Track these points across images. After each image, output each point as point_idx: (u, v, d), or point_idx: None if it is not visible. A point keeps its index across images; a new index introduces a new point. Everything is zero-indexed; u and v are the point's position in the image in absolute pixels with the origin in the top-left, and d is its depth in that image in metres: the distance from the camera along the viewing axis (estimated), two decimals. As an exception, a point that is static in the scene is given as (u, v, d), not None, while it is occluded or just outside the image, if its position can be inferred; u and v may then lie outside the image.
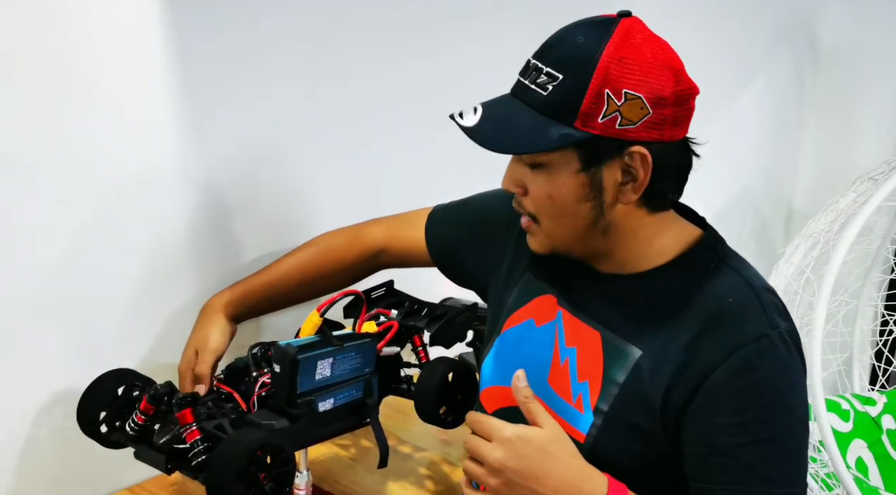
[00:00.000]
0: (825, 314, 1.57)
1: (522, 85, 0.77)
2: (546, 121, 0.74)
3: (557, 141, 0.74)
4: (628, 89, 0.73)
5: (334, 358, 0.89)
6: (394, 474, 1.08)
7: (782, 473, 0.72)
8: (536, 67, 0.76)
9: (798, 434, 0.74)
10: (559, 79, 0.74)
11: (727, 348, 0.74)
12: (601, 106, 0.73)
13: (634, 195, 0.78)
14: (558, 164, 0.76)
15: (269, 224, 1.17)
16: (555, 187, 0.77)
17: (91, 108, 0.97)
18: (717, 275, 0.79)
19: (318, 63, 1.18)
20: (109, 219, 1.00)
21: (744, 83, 2.02)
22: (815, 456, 1.69)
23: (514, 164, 0.80)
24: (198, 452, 0.83)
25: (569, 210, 0.78)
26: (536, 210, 0.80)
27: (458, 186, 1.05)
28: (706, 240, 0.82)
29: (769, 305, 0.76)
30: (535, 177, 0.78)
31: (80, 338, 1.00)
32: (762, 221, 2.22)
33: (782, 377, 0.74)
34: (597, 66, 0.73)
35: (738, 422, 0.73)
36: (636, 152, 0.75)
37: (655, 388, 0.77)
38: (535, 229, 0.82)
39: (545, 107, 0.74)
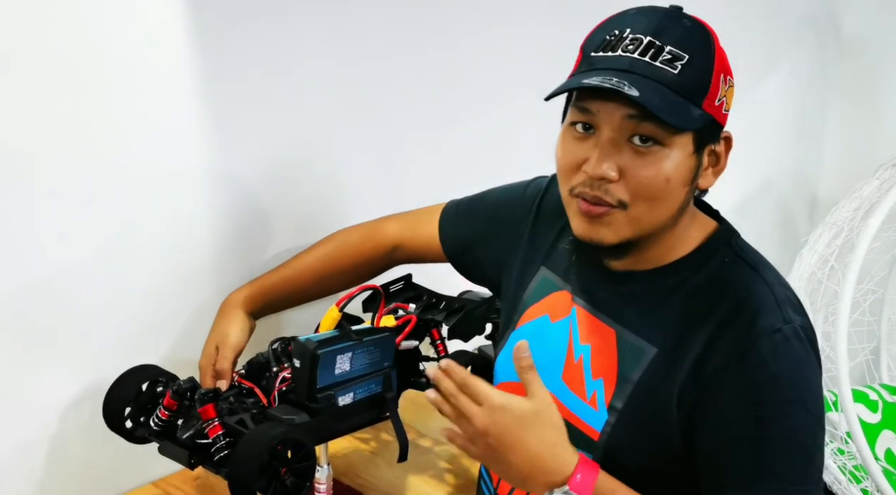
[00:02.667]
0: (850, 303, 1.55)
1: (639, 61, 0.72)
2: (680, 99, 0.72)
3: (698, 120, 0.73)
4: (730, 76, 0.76)
5: (354, 352, 0.89)
6: (413, 468, 1.08)
7: (794, 470, 0.71)
8: (653, 44, 0.72)
9: (811, 431, 0.73)
10: (686, 58, 0.72)
11: (740, 343, 0.73)
12: (718, 89, 0.74)
13: (713, 179, 0.78)
14: (678, 146, 0.73)
15: (287, 222, 1.18)
16: (674, 168, 0.73)
17: (118, 108, 0.98)
18: (732, 270, 0.78)
19: (341, 61, 1.18)
20: (133, 218, 1.02)
21: (767, 71, 1.99)
22: (842, 448, 1.67)
23: (610, 147, 0.73)
24: (220, 447, 0.84)
25: (675, 193, 0.75)
26: (636, 194, 0.73)
27: (482, 180, 1.04)
28: (721, 233, 0.82)
29: (783, 300, 0.75)
30: (644, 160, 0.73)
31: (105, 335, 1.02)
32: (786, 210, 2.19)
33: (796, 372, 0.73)
34: (716, 51, 0.74)
35: (750, 417, 0.72)
36: (727, 137, 0.78)
37: (670, 386, 0.76)
38: (615, 216, 0.75)
39: (677, 85, 0.71)
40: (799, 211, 2.23)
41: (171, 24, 1.00)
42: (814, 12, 2.07)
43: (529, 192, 0.97)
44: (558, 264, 0.89)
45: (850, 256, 1.56)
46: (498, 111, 1.38)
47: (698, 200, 0.84)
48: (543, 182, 0.97)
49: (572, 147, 0.76)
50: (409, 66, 1.27)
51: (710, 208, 0.85)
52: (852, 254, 1.56)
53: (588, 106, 0.74)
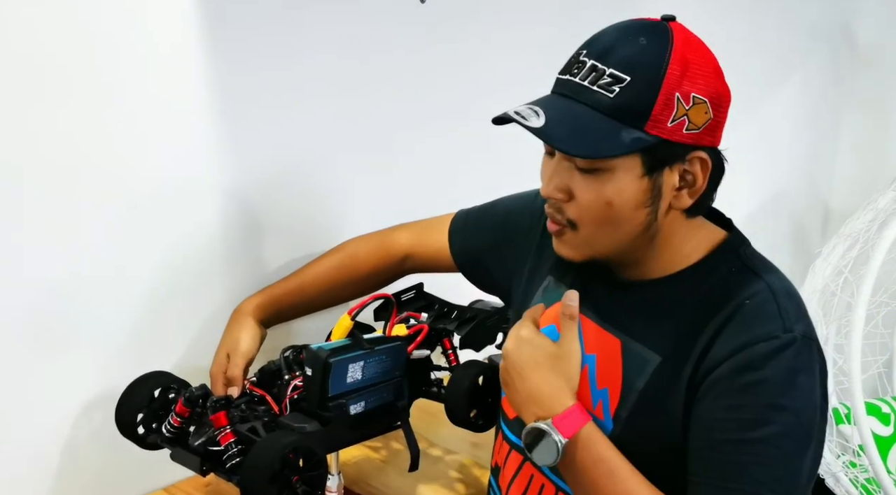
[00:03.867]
0: (865, 315, 1.54)
1: (578, 86, 0.73)
2: (614, 124, 0.72)
3: (630, 145, 0.72)
4: (696, 93, 0.72)
5: (365, 361, 0.89)
6: (424, 477, 1.08)
7: (773, 477, 0.70)
8: (595, 68, 0.73)
9: (797, 439, 0.72)
10: (626, 81, 0.71)
11: (734, 345, 0.73)
12: (671, 109, 0.72)
13: (689, 200, 0.77)
14: (621, 169, 0.73)
15: (298, 230, 1.18)
16: (616, 192, 0.74)
17: (126, 116, 0.98)
18: (738, 279, 0.78)
19: (350, 71, 1.19)
20: (144, 225, 1.02)
21: (780, 82, 1.99)
22: (854, 461, 1.65)
23: (558, 169, 0.76)
24: (231, 454, 0.84)
25: (624, 216, 0.75)
26: (581, 216, 0.76)
27: (489, 188, 1.04)
28: (729, 243, 0.81)
29: (786, 309, 0.75)
30: (588, 183, 0.75)
31: (117, 342, 1.02)
32: (798, 221, 2.18)
33: (786, 380, 0.72)
34: (667, 69, 0.71)
35: (733, 419, 0.72)
36: (697, 157, 0.75)
37: (675, 394, 0.76)
38: (569, 236, 0.79)
39: (612, 110, 0.72)
40: (811, 223, 2.21)
41: (179, 35, 1.01)
42: (827, 23, 2.06)
43: (538, 202, 0.96)
44: (564, 274, 0.89)
45: (865, 268, 1.55)
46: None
47: (710, 209, 0.83)
48: None
49: (543, 166, 0.80)
50: (418, 78, 1.27)
51: (723, 217, 0.84)
52: (867, 265, 1.55)
53: None
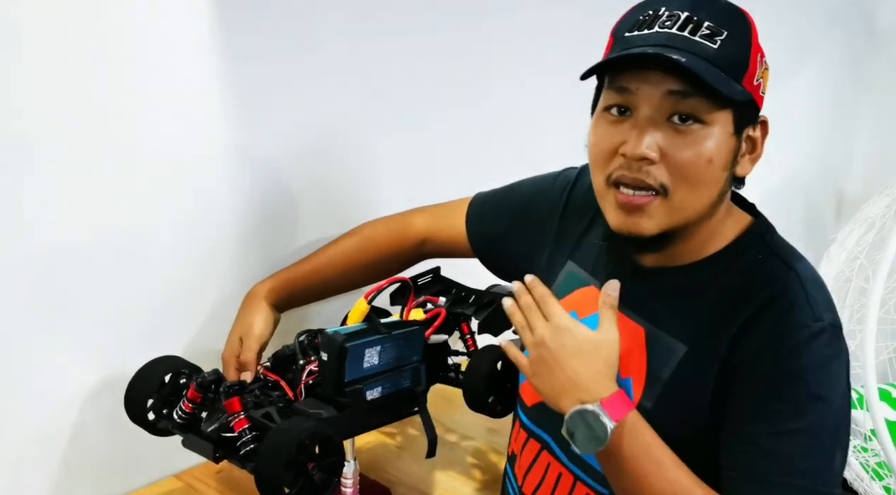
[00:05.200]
0: (880, 300, 1.52)
1: (679, 36, 0.70)
2: (721, 74, 0.69)
3: (741, 96, 0.70)
4: (765, 58, 0.74)
5: (382, 346, 0.87)
6: (441, 463, 1.07)
7: (811, 468, 0.69)
8: (690, 19, 0.70)
9: (831, 429, 0.71)
10: (725, 34, 0.70)
11: (767, 337, 0.72)
12: (756, 68, 0.72)
13: (750, 167, 0.76)
14: (719, 124, 0.71)
15: (313, 211, 1.16)
16: (716, 149, 0.71)
17: (141, 90, 0.95)
18: (765, 267, 0.76)
19: (372, 41, 1.16)
20: (157, 204, 1.00)
21: (798, 66, 1.96)
22: (865, 446, 1.64)
23: (649, 126, 0.70)
24: (246, 441, 0.82)
25: (715, 177, 0.72)
26: (676, 177, 0.71)
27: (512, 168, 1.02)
28: (756, 228, 0.79)
29: (815, 298, 0.73)
30: (685, 140, 0.70)
31: (127, 325, 1.00)
32: (813, 206, 2.16)
33: (820, 370, 0.71)
34: (752, 28, 0.72)
35: (770, 411, 0.70)
36: (764, 122, 0.76)
37: (701, 385, 0.74)
38: (658, 204, 0.72)
39: (718, 59, 0.69)
40: (826, 208, 2.20)
41: (196, 4, 0.97)
42: (846, 6, 2.04)
43: (558, 184, 0.95)
44: (586, 259, 0.87)
45: (881, 254, 1.54)
46: (529, 99, 1.36)
47: (734, 194, 0.81)
48: (573, 174, 0.94)
49: (607, 132, 0.74)
50: (439, 51, 1.24)
51: (746, 202, 0.83)
52: (883, 251, 1.53)
53: (626, 84, 0.72)
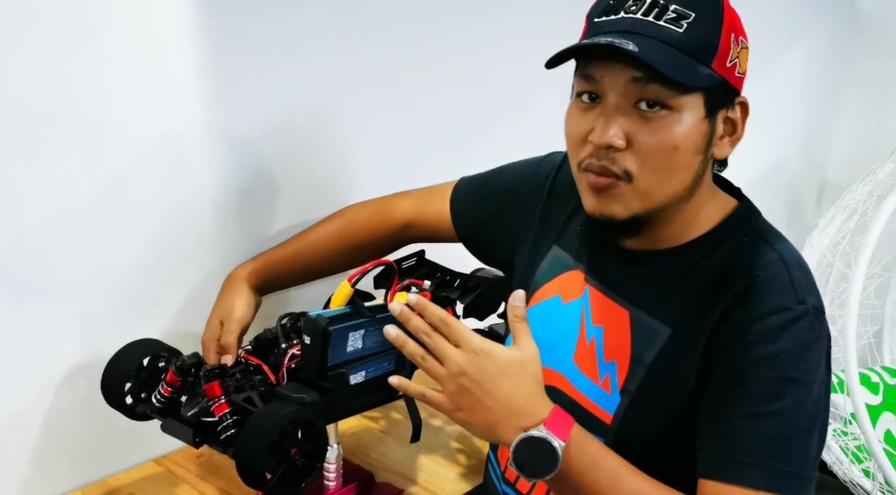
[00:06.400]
0: (861, 285, 1.54)
1: (643, 21, 0.69)
2: (686, 59, 0.69)
3: (707, 79, 0.70)
4: (742, 37, 0.72)
5: (366, 329, 0.86)
6: (425, 447, 1.06)
7: (787, 450, 0.69)
8: (656, 3, 0.70)
9: (809, 413, 0.70)
10: (692, 16, 0.69)
11: (749, 319, 0.71)
12: (729, 49, 0.71)
13: (730, 148, 0.75)
14: (688, 109, 0.70)
15: (298, 193, 1.14)
16: (683, 135, 0.70)
17: (117, 69, 0.93)
18: (750, 250, 0.76)
19: (356, 22, 1.14)
20: (134, 184, 0.97)
21: (782, 51, 1.97)
22: (845, 430, 1.66)
23: (616, 113, 0.71)
24: (227, 426, 0.81)
25: (685, 163, 0.72)
26: (643, 164, 0.71)
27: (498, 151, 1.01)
28: (741, 212, 0.79)
29: (799, 281, 0.73)
30: (652, 126, 0.70)
31: (103, 306, 0.98)
32: (795, 192, 2.18)
33: (799, 353, 0.70)
34: (724, 8, 0.71)
35: (748, 393, 0.70)
36: (741, 102, 0.74)
37: (685, 368, 0.74)
38: (623, 189, 0.72)
39: (683, 44, 0.69)
40: (808, 193, 2.22)
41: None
42: (830, -8, 2.04)
43: (543, 169, 0.94)
44: (571, 243, 0.87)
45: (863, 239, 1.55)
46: (515, 80, 1.34)
47: (718, 178, 0.81)
48: (558, 158, 0.93)
49: (579, 118, 0.74)
50: (424, 28, 1.23)
51: (731, 186, 0.82)
52: (865, 237, 1.54)
53: (591, 72, 0.72)
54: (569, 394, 0.82)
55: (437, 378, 0.69)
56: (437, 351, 0.69)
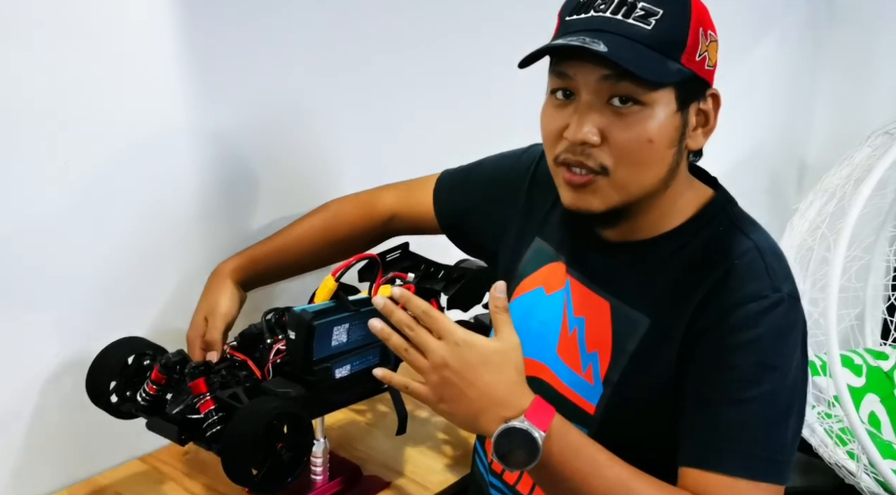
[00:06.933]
0: (841, 269, 1.55)
1: (611, 20, 0.71)
2: (656, 55, 0.70)
3: (677, 74, 0.71)
4: (711, 31, 0.73)
5: (350, 323, 0.86)
6: (411, 439, 1.07)
7: (765, 435, 0.70)
8: (625, 1, 0.71)
9: (787, 398, 0.72)
10: (659, 13, 0.70)
11: (726, 306, 0.72)
12: (698, 43, 0.72)
13: (704, 140, 0.77)
14: (660, 103, 0.71)
15: (281, 187, 1.14)
16: (656, 129, 0.71)
17: (95, 62, 0.92)
18: (727, 239, 0.77)
19: (335, 17, 1.13)
20: (115, 181, 0.97)
21: (759, 37, 1.98)
22: (829, 412, 1.68)
23: (589, 110, 0.72)
24: (212, 422, 0.81)
25: (659, 156, 0.73)
26: (618, 158, 0.72)
27: (479, 144, 1.01)
28: (717, 201, 0.80)
29: (774, 269, 0.74)
30: (625, 121, 0.71)
31: (87, 305, 0.98)
32: (775, 176, 2.19)
33: (776, 339, 0.72)
34: (692, 3, 0.72)
35: (726, 379, 0.71)
36: (712, 95, 0.76)
37: (665, 357, 0.75)
38: (601, 184, 0.74)
39: (652, 40, 0.70)
40: (788, 178, 2.23)
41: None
42: (806, -23, 2.05)
43: (524, 161, 0.95)
44: (553, 234, 0.87)
45: (842, 223, 1.56)
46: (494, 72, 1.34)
47: (695, 167, 0.82)
48: (539, 150, 0.94)
49: (553, 115, 0.75)
50: (401, 21, 1.22)
51: (708, 175, 0.83)
52: (843, 220, 1.56)
53: (564, 70, 0.73)
54: (553, 385, 0.83)
55: (420, 370, 0.70)
56: (420, 343, 0.69)
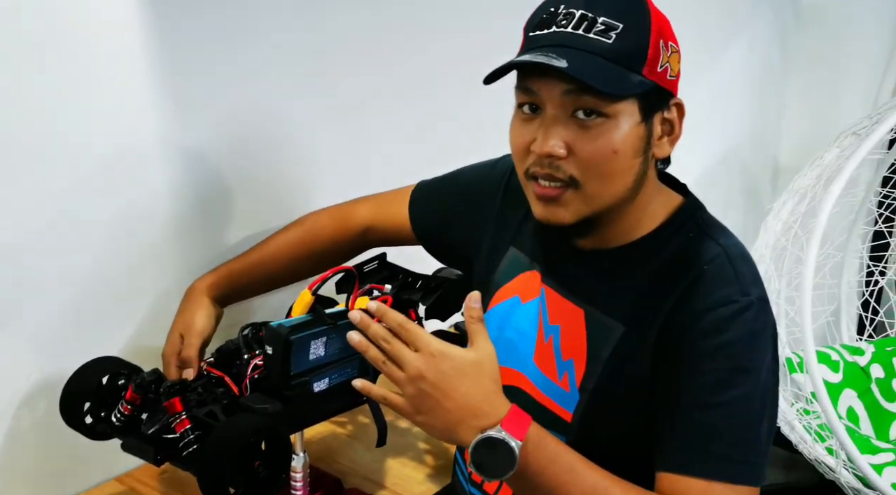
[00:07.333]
0: (814, 267, 1.57)
1: (573, 35, 0.72)
2: (617, 68, 0.71)
3: (639, 86, 0.72)
4: (672, 42, 0.75)
5: (328, 336, 0.86)
6: (392, 450, 1.06)
7: (738, 438, 0.71)
8: (585, 16, 0.72)
9: (759, 400, 0.73)
10: (620, 27, 0.71)
11: (696, 312, 0.73)
12: (659, 55, 0.73)
13: (669, 148, 0.78)
14: (623, 115, 0.73)
15: (255, 203, 1.13)
16: (621, 140, 0.73)
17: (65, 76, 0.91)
18: (696, 246, 0.78)
19: (309, 30, 1.13)
20: (88, 199, 0.95)
21: (728, 43, 2.01)
22: (808, 409, 1.70)
23: (552, 124, 0.73)
24: (188, 442, 0.80)
25: (626, 166, 0.74)
26: (586, 170, 0.73)
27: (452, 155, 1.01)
28: (686, 208, 0.81)
29: (742, 273, 0.76)
30: (591, 134, 0.72)
31: (61, 325, 0.96)
32: (749, 177, 2.22)
33: (747, 343, 0.73)
34: (651, 16, 0.73)
35: (698, 383, 0.72)
36: (676, 104, 0.77)
37: (639, 363, 0.76)
38: (570, 196, 0.75)
39: (613, 54, 0.71)
40: (762, 178, 2.26)
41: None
42: (772, -17, 2.09)
43: (498, 171, 0.96)
44: (527, 243, 0.88)
45: (813, 222, 1.58)
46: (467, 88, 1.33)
47: (664, 175, 0.83)
48: (512, 160, 0.94)
49: (521, 129, 0.76)
50: (376, 40, 1.22)
51: (678, 182, 0.84)
52: (815, 220, 1.58)
53: (528, 85, 0.74)
54: (530, 394, 0.83)
55: (396, 382, 0.70)
56: (396, 355, 0.69)
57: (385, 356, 0.70)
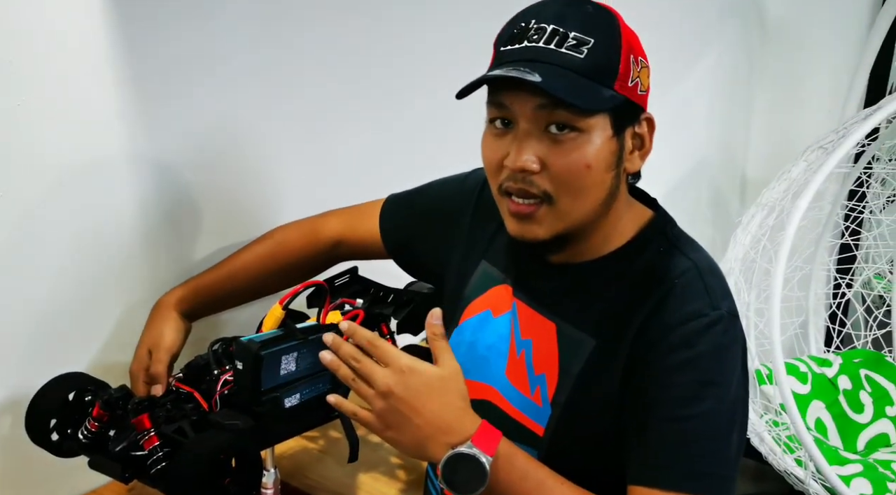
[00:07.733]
0: (783, 280, 1.60)
1: (545, 50, 0.71)
2: (589, 82, 0.72)
3: (611, 101, 0.72)
4: (642, 57, 0.75)
5: (299, 351, 0.85)
6: (364, 465, 1.06)
7: (709, 451, 0.72)
8: (556, 31, 0.72)
9: (728, 414, 0.73)
10: (591, 42, 0.71)
11: (666, 326, 0.74)
12: (630, 70, 0.73)
13: (640, 162, 0.78)
14: (596, 129, 0.73)
15: (224, 217, 1.12)
16: (594, 154, 0.73)
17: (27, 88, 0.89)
18: (666, 260, 0.79)
19: (274, 42, 1.13)
20: (53, 214, 0.94)
21: (695, 58, 2.04)
22: (777, 420, 1.73)
23: (528, 138, 0.73)
24: (157, 459, 0.79)
25: (598, 180, 0.74)
26: (560, 185, 0.73)
27: (425, 171, 1.01)
28: (656, 222, 0.82)
29: (712, 287, 0.76)
30: (563, 149, 0.72)
31: (26, 341, 0.95)
32: (718, 191, 2.25)
33: (716, 357, 0.73)
34: (622, 31, 0.74)
35: (668, 397, 0.72)
36: (646, 118, 0.77)
37: (611, 377, 0.76)
38: (544, 212, 0.75)
39: (585, 69, 0.71)
40: (730, 192, 2.29)
41: (86, 4, 0.92)
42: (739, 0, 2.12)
43: (469, 184, 0.96)
44: (499, 258, 0.88)
45: (781, 235, 1.61)
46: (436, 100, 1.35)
47: (634, 189, 0.84)
48: (483, 173, 0.94)
49: (493, 144, 0.76)
50: (342, 52, 1.22)
51: (648, 196, 0.85)
52: (783, 233, 1.60)
53: (501, 100, 0.74)
54: (502, 408, 0.83)
55: (366, 398, 0.70)
56: (365, 372, 0.70)
57: (355, 373, 0.71)
